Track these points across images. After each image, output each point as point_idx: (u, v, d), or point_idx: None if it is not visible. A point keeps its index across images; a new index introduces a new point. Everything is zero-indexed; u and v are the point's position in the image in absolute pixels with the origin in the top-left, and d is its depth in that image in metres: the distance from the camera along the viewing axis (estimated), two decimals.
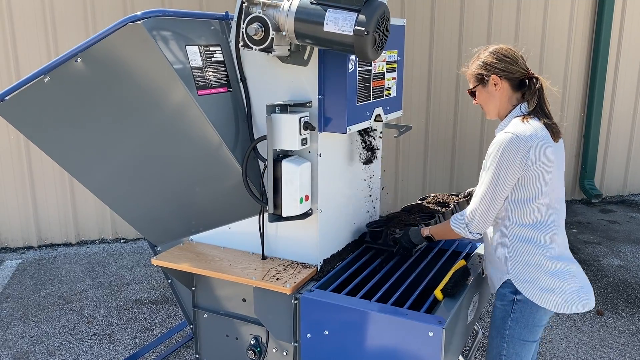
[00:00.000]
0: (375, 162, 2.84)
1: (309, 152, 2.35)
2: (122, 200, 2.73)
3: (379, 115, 2.55)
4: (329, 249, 2.56)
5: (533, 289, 2.11)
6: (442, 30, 5.85)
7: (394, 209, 6.00)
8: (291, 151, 2.35)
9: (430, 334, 2.00)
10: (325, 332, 2.22)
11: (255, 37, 2.13)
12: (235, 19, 2.25)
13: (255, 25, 2.12)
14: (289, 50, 2.24)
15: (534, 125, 2.06)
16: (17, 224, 5.21)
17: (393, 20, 2.36)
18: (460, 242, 2.86)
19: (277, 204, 2.31)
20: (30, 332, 3.74)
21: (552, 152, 2.07)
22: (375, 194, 2.96)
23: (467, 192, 2.80)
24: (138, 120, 2.40)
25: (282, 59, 2.28)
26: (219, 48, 2.40)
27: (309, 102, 2.30)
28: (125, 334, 3.71)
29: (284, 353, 2.46)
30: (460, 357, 3.00)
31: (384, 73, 2.54)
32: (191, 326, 2.79)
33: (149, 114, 2.36)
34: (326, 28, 2.00)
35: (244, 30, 2.16)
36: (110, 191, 2.71)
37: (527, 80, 2.14)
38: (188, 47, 2.27)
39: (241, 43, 2.19)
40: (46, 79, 2.39)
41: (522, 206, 2.09)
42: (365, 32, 1.94)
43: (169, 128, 2.36)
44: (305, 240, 2.46)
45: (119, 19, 2.20)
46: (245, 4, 2.15)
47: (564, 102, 6.44)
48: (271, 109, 2.22)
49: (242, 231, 2.60)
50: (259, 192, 2.43)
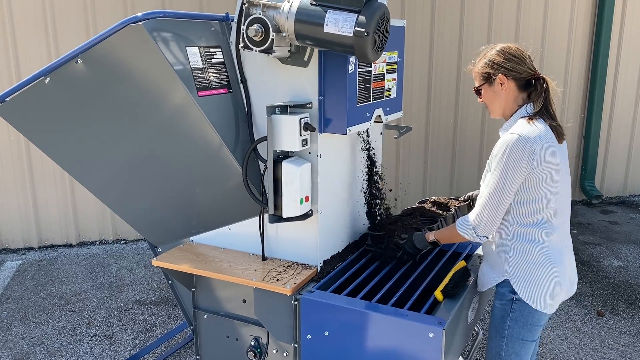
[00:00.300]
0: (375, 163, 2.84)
1: (309, 153, 2.35)
2: (123, 201, 2.74)
3: (379, 116, 2.55)
4: (329, 250, 2.56)
5: (531, 291, 2.11)
6: (442, 31, 5.85)
7: (394, 211, 6.01)
8: (291, 152, 2.35)
9: (431, 335, 2.00)
10: (326, 333, 2.22)
11: (256, 38, 2.14)
12: (236, 20, 2.26)
13: (255, 26, 2.12)
14: (289, 51, 2.24)
15: (539, 127, 2.05)
16: (17, 225, 5.22)
17: (393, 22, 2.37)
18: (461, 243, 2.86)
19: (278, 205, 2.31)
20: (30, 333, 3.75)
21: (556, 153, 2.07)
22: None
23: (467, 196, 2.79)
24: (138, 121, 2.40)
25: (283, 60, 2.28)
26: (220, 49, 2.40)
27: (309, 103, 2.30)
28: (126, 335, 3.71)
29: (284, 354, 2.46)
30: (461, 358, 3.00)
31: (384, 74, 2.55)
32: (191, 327, 2.79)
33: (150, 115, 2.36)
34: (326, 29, 2.00)
35: (244, 32, 2.16)
36: (110, 192, 2.71)
37: (534, 81, 2.13)
38: (188, 49, 2.27)
39: (241, 44, 2.19)
40: (47, 80, 2.39)
41: (525, 207, 2.09)
42: (365, 33, 1.94)
43: (169, 129, 2.37)
44: (306, 241, 2.46)
45: (120, 19, 2.20)
46: (246, 5, 2.16)
47: (564, 102, 6.44)
48: (271, 110, 2.22)
49: (243, 232, 2.60)
50: (259, 193, 2.43)
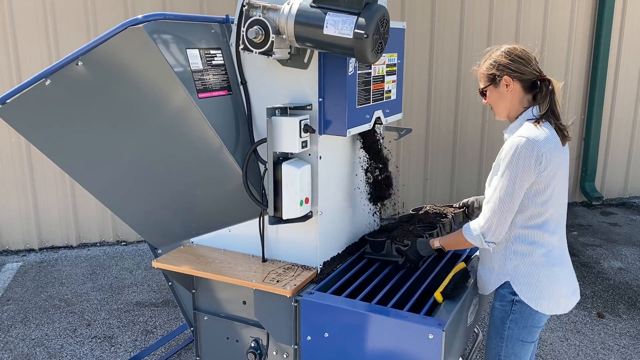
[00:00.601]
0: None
1: (309, 154, 2.36)
2: (123, 202, 2.74)
3: (379, 118, 2.56)
4: (329, 252, 2.56)
5: (531, 293, 2.12)
6: (442, 33, 5.85)
7: (394, 212, 6.01)
8: (291, 154, 2.35)
9: (430, 336, 2.00)
10: (326, 335, 2.22)
11: (256, 40, 2.14)
12: (236, 22, 2.26)
13: (255, 28, 2.12)
14: (289, 53, 2.24)
15: (546, 130, 2.04)
16: (18, 226, 5.22)
17: (393, 23, 2.37)
18: None
19: (278, 207, 2.32)
20: (31, 334, 3.75)
21: (561, 156, 2.07)
22: None
23: (462, 203, 2.76)
24: (139, 123, 2.41)
25: (282, 62, 2.29)
26: (220, 51, 2.40)
27: (309, 105, 2.30)
28: (126, 336, 3.71)
29: (284, 355, 2.46)
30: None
31: (383, 76, 2.55)
32: (192, 329, 2.79)
33: (150, 117, 2.37)
34: (326, 31, 2.01)
35: (244, 34, 2.16)
36: (111, 194, 2.71)
37: (539, 82, 2.12)
38: (188, 50, 2.27)
39: (241, 46, 2.20)
40: (47, 82, 2.40)
41: (530, 209, 2.08)
42: (365, 35, 1.95)
43: (169, 131, 2.37)
44: (306, 242, 2.46)
45: (120, 19, 2.21)
46: (246, 7, 2.16)
47: (565, 104, 6.44)
48: (271, 112, 2.23)
49: (243, 234, 2.61)
50: (259, 195, 2.43)
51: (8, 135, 4.99)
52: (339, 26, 1.98)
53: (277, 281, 2.34)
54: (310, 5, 2.05)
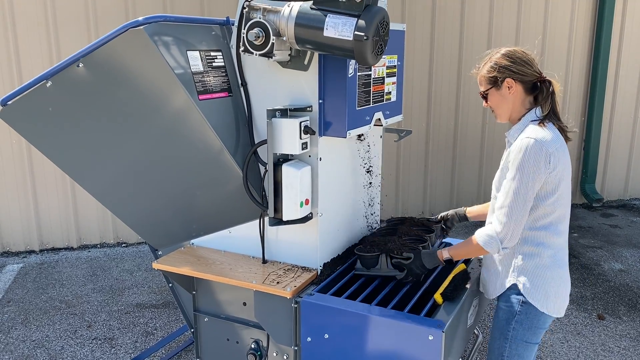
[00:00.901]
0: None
1: (309, 156, 2.36)
2: (124, 204, 2.74)
3: (379, 119, 2.56)
4: (329, 253, 2.56)
5: (538, 294, 2.12)
6: (442, 34, 5.86)
7: (394, 214, 6.01)
8: (291, 155, 2.36)
9: (430, 338, 2.01)
10: (326, 336, 2.23)
11: (256, 42, 2.15)
12: (236, 24, 2.27)
13: (256, 30, 2.13)
14: (289, 55, 2.25)
15: (552, 130, 2.05)
16: (18, 228, 5.23)
17: (393, 25, 2.38)
18: None
19: (278, 208, 2.32)
20: (31, 336, 3.75)
21: (566, 156, 2.08)
22: (376, 199, 2.97)
23: (440, 216, 2.74)
24: (139, 124, 2.41)
25: (283, 63, 2.29)
26: (220, 53, 2.41)
27: (309, 107, 2.31)
28: (126, 338, 3.72)
29: (285, 357, 2.46)
30: None
31: (383, 78, 2.56)
32: (192, 330, 2.79)
33: (150, 119, 2.37)
34: (326, 33, 2.01)
35: (244, 36, 2.17)
36: (111, 195, 2.72)
37: (540, 84, 2.12)
38: (189, 52, 2.28)
39: (242, 48, 2.21)
40: (48, 83, 2.40)
41: (538, 210, 2.09)
42: (365, 37, 1.95)
43: (170, 132, 2.37)
44: (306, 244, 2.47)
45: (121, 20, 2.21)
46: (246, 9, 2.17)
47: (565, 106, 6.44)
48: (271, 114, 2.23)
49: (243, 235, 2.61)
50: (260, 196, 2.44)
51: (9, 137, 5.00)
52: (339, 28, 1.99)
53: (278, 282, 2.34)
54: (311, 8, 2.05)
